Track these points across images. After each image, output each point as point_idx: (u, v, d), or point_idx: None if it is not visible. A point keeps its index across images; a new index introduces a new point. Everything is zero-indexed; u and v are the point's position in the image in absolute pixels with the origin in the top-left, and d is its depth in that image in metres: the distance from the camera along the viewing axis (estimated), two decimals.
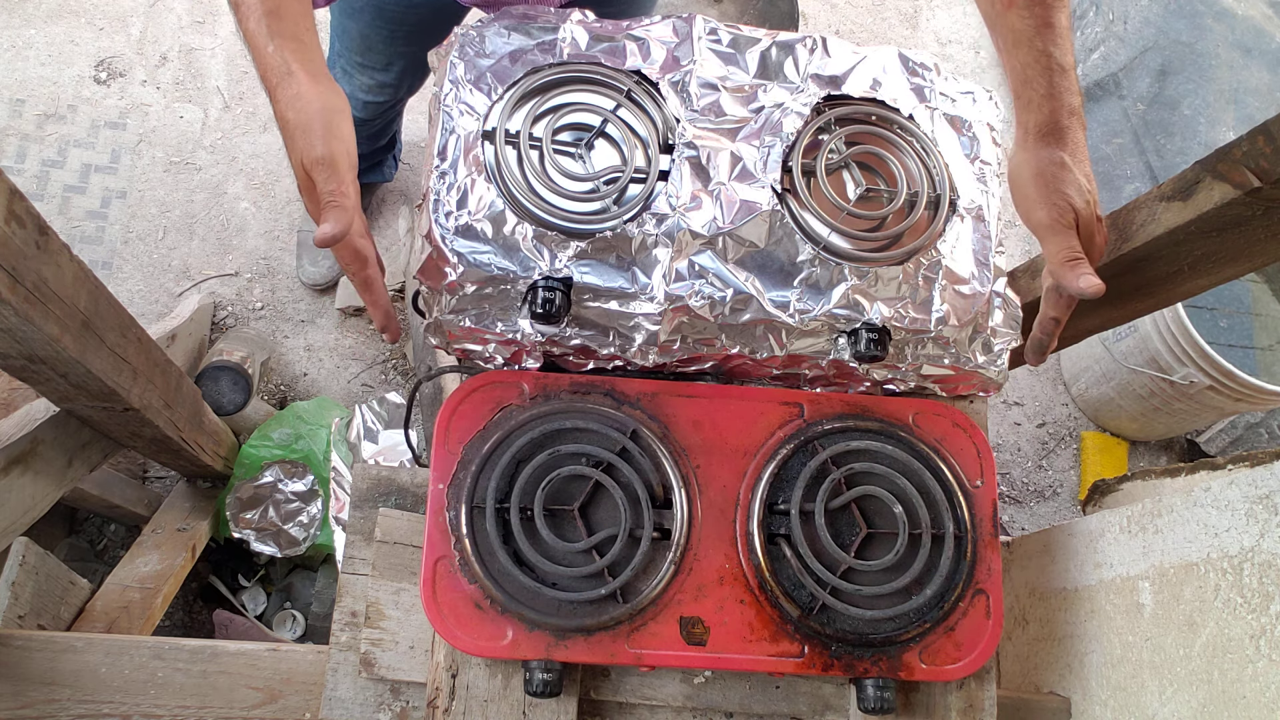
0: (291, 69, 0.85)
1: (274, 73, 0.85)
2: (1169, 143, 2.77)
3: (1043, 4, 0.86)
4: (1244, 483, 1.00)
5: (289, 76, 0.84)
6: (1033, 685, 1.32)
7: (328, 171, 0.83)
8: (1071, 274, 0.85)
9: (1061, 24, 0.87)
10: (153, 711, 1.23)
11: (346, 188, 0.84)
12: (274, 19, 0.85)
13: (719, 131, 1.02)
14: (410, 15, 1.50)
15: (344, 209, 0.83)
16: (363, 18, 1.56)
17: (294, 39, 0.86)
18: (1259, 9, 3.01)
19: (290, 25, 0.86)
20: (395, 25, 1.54)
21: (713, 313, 0.98)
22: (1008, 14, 0.88)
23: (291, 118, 0.84)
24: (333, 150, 0.84)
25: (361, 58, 1.68)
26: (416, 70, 1.74)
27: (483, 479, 0.97)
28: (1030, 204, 0.89)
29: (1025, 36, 0.87)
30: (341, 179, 0.84)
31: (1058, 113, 0.86)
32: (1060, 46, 0.86)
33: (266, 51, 0.85)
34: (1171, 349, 2.18)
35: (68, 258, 1.10)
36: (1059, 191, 0.86)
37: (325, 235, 0.81)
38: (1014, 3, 0.87)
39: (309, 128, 0.83)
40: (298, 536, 2.00)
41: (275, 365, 2.35)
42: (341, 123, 0.86)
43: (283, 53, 0.85)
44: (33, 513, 1.40)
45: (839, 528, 1.00)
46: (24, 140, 2.44)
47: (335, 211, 0.82)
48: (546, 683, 0.92)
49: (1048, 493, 2.51)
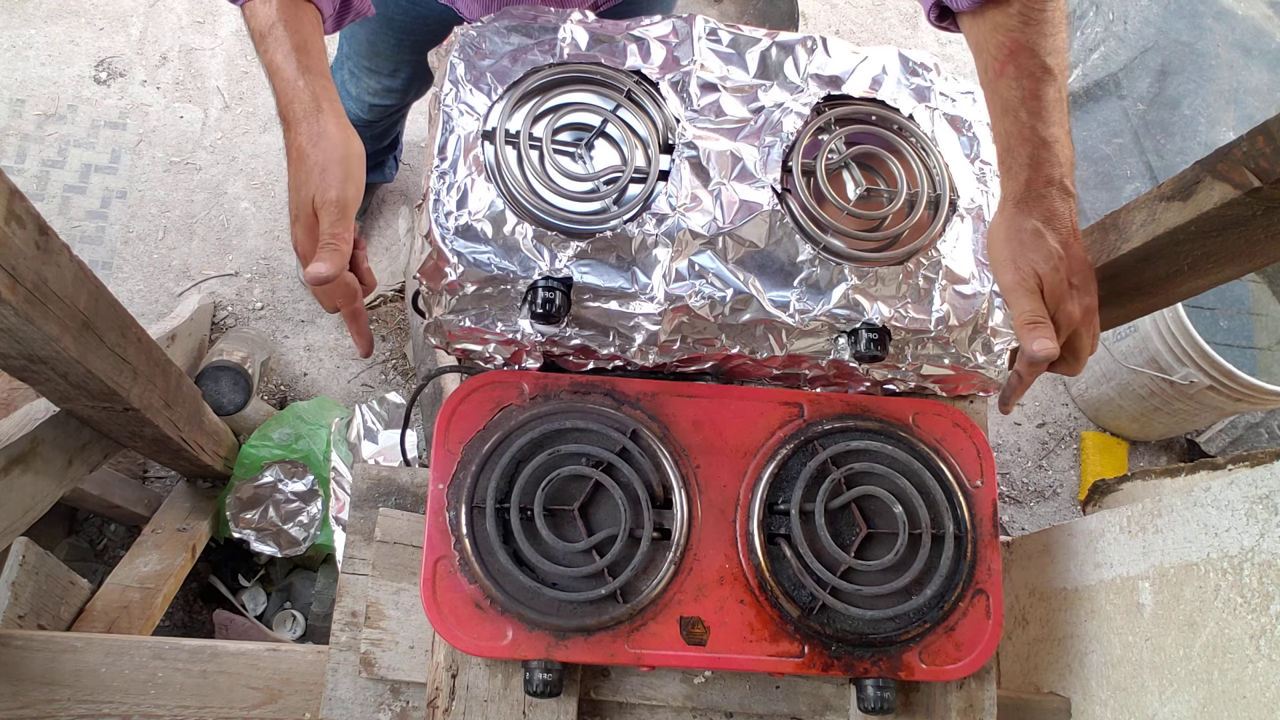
0: (321, 107, 0.87)
1: (301, 105, 0.87)
2: (1169, 143, 2.77)
3: (1031, 76, 0.87)
4: (1244, 483, 1.00)
5: (318, 113, 0.87)
6: (1033, 685, 1.32)
7: (336, 214, 0.86)
8: (1028, 336, 0.85)
9: (1049, 97, 0.87)
10: (153, 711, 1.23)
11: (348, 234, 0.87)
12: (303, 55, 0.88)
13: (719, 131, 1.02)
14: (418, 25, 1.50)
15: (341, 253, 0.85)
16: (370, 24, 1.56)
17: (322, 75, 0.89)
18: (1259, 9, 3.01)
19: (317, 62, 0.89)
20: (403, 34, 1.55)
21: (713, 313, 0.98)
22: (998, 82, 0.89)
23: (312, 154, 0.86)
24: (347, 196, 0.86)
25: (369, 62, 1.68)
26: (424, 76, 1.73)
27: (483, 479, 0.97)
28: (999, 266, 0.90)
29: (1012, 107, 0.88)
30: (347, 223, 0.86)
31: (1035, 182, 0.87)
32: (1044, 120, 0.87)
33: (297, 86, 0.87)
34: (1171, 349, 2.18)
35: (68, 258, 1.10)
36: (1025, 257, 0.87)
37: (319, 275, 0.84)
38: (1004, 72, 0.88)
39: (329, 169, 0.86)
40: (298, 536, 2.00)
41: (275, 365, 2.35)
42: (358, 169, 0.88)
43: (313, 88, 0.87)
44: (33, 513, 1.40)
45: (839, 528, 1.00)
46: (24, 140, 2.44)
47: (333, 254, 0.85)
48: (546, 683, 0.92)
49: (1048, 493, 2.51)
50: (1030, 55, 0.87)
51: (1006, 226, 0.89)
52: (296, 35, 0.88)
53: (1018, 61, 0.88)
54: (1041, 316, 0.86)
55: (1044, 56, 0.87)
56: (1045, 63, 0.87)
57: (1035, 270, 0.87)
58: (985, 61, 0.91)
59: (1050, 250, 0.86)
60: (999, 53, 0.88)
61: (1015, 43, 0.87)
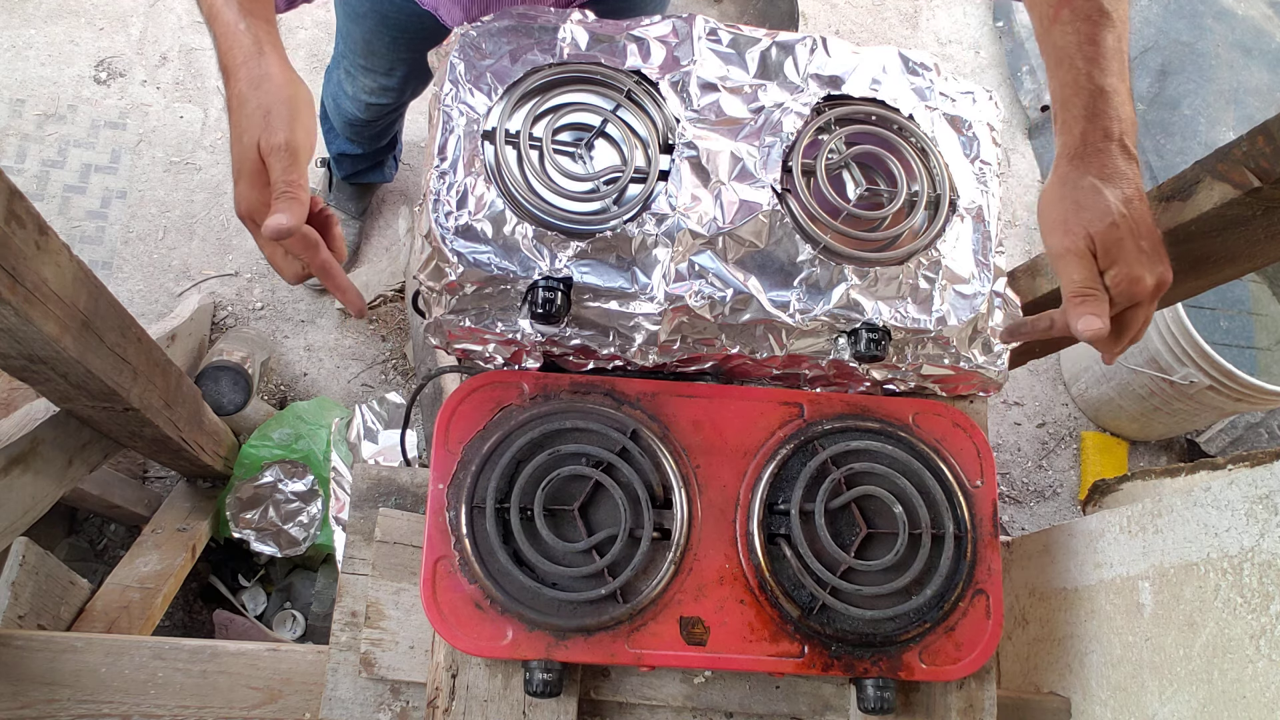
0: (264, 49, 0.81)
1: (241, 50, 0.81)
2: (1169, 143, 2.77)
3: (1088, 19, 0.80)
4: (1244, 483, 1.00)
5: (260, 56, 0.81)
6: (1033, 685, 1.32)
7: (288, 160, 0.79)
8: (1074, 311, 0.77)
9: (1108, 43, 0.80)
10: (153, 711, 1.23)
11: (304, 179, 0.80)
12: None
13: (719, 131, 1.02)
14: (413, 23, 1.49)
15: (299, 200, 0.78)
16: (366, 23, 1.56)
17: (266, 20, 0.83)
18: (1259, 9, 3.01)
19: (262, 7, 0.83)
20: (398, 32, 1.54)
21: (713, 313, 0.98)
22: (1052, 30, 0.82)
23: (253, 98, 0.79)
24: (296, 139, 0.79)
25: (365, 61, 1.68)
26: (420, 74, 1.73)
27: (483, 479, 0.97)
28: (1048, 231, 0.81)
29: (1067, 54, 0.81)
30: (300, 170, 0.79)
31: (1091, 135, 0.79)
32: (1102, 67, 0.79)
33: (237, 29, 0.81)
34: (1171, 349, 2.18)
35: (68, 258, 1.10)
36: (1078, 217, 0.78)
37: (280, 227, 0.76)
38: (1059, 17, 0.82)
39: (273, 111, 0.79)
40: (298, 536, 2.00)
41: (275, 365, 2.35)
42: (306, 113, 0.82)
43: (255, 31, 0.81)
44: (33, 513, 1.40)
45: (839, 528, 1.00)
46: (24, 140, 2.44)
47: (291, 203, 0.78)
48: (546, 683, 0.92)
49: (1048, 493, 2.51)
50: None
51: (1060, 186, 0.80)
52: None
53: (1073, 4, 0.81)
54: (1093, 288, 0.77)
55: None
56: (1103, 5, 0.80)
57: (1088, 231, 0.77)
58: (1040, 10, 0.84)
59: (1108, 206, 0.76)
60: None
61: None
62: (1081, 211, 0.78)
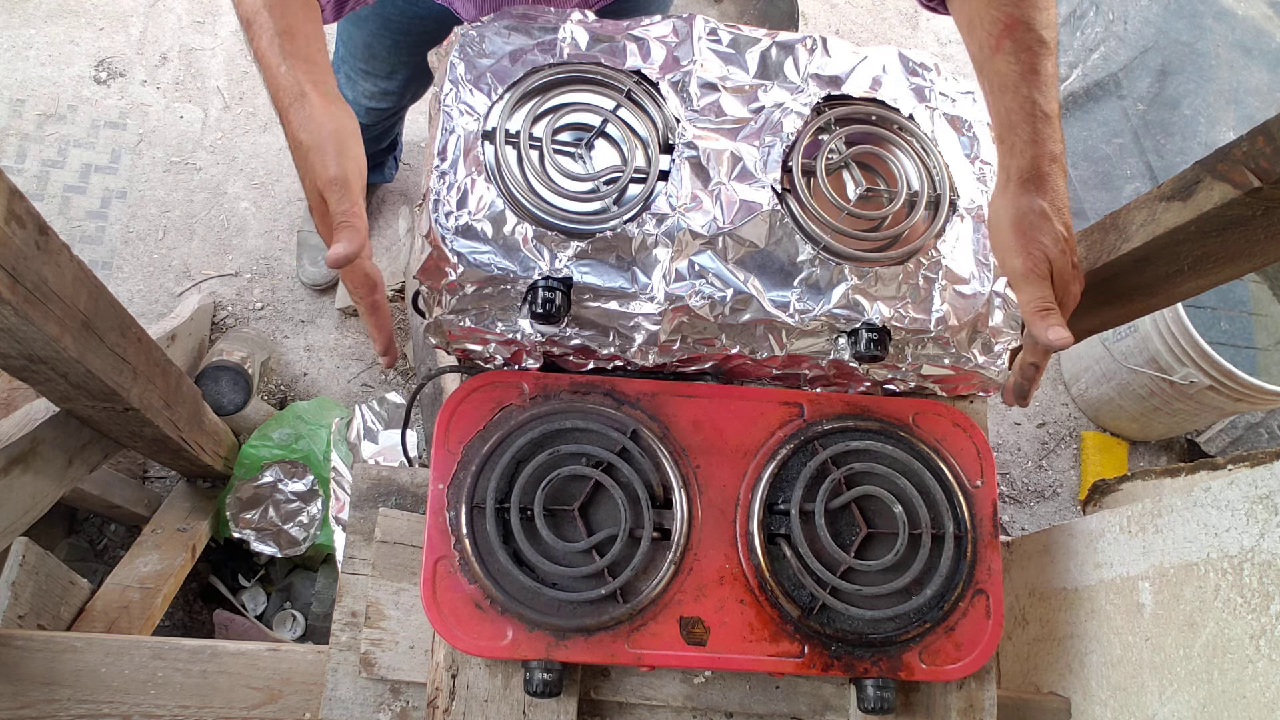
0: (305, 91, 0.84)
1: (287, 94, 0.84)
2: (1169, 143, 2.77)
3: (1029, 50, 0.86)
4: (1244, 483, 1.00)
5: (302, 99, 0.84)
6: (1033, 685, 1.32)
7: (341, 192, 0.83)
8: (1041, 324, 0.84)
9: (1047, 70, 0.86)
10: (153, 711, 1.23)
11: (359, 208, 0.84)
12: (287, 39, 0.85)
13: (719, 131, 1.02)
14: (415, 26, 1.49)
15: (357, 230, 0.82)
16: (368, 26, 1.56)
17: (306, 60, 0.86)
18: (1259, 9, 3.01)
19: (303, 46, 0.86)
20: (400, 35, 1.54)
21: (713, 313, 0.98)
22: (995, 58, 0.87)
23: (305, 139, 0.83)
24: (346, 171, 0.83)
25: (365, 65, 1.68)
26: (420, 78, 1.73)
27: (483, 479, 0.97)
28: (1007, 251, 0.88)
29: (1011, 82, 0.87)
30: (354, 200, 0.83)
31: (1039, 159, 0.86)
32: (1044, 94, 0.86)
33: (279, 72, 0.85)
34: (1171, 349, 2.18)
35: (68, 258, 1.10)
36: (1036, 241, 0.85)
37: (339, 256, 0.81)
38: (1001, 47, 0.87)
39: (323, 149, 0.83)
40: (298, 536, 2.00)
41: (275, 365, 2.35)
42: (353, 143, 0.86)
43: (295, 74, 0.84)
44: (33, 513, 1.40)
45: (839, 528, 1.00)
46: (24, 140, 2.44)
47: (349, 232, 0.82)
48: (546, 683, 0.92)
49: (1048, 493, 2.51)
50: (1027, 29, 0.86)
51: (1013, 208, 0.87)
52: (282, 20, 0.85)
53: (1014, 36, 0.86)
54: (1053, 303, 0.85)
55: (1040, 30, 0.86)
56: (1041, 36, 0.86)
57: (1046, 255, 0.85)
58: (980, 38, 0.89)
59: (1058, 234, 0.85)
60: (994, 28, 0.87)
61: (1010, 17, 0.86)
62: (1039, 235, 0.86)
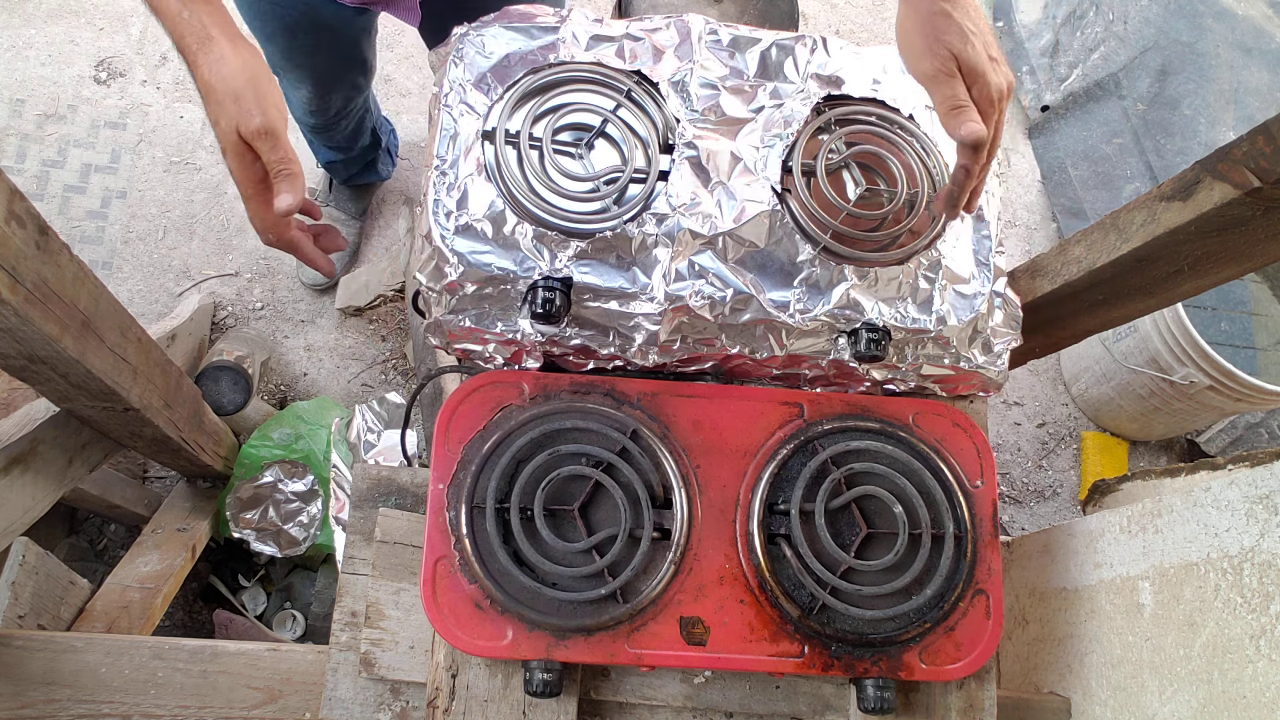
0: (210, 34, 0.82)
1: (192, 38, 0.82)
2: (1169, 143, 2.77)
3: None
4: (1244, 483, 1.00)
5: (209, 41, 0.82)
6: (1033, 685, 1.32)
7: (271, 140, 0.82)
8: (954, 121, 0.83)
9: None
10: (153, 711, 1.23)
11: (292, 152, 0.83)
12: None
13: (719, 131, 1.02)
14: (290, 29, 1.47)
15: (296, 175, 0.82)
16: (278, 41, 1.55)
17: (206, 1, 0.84)
18: (1259, 9, 3.01)
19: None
20: (287, 42, 1.52)
21: (713, 313, 0.98)
22: None
23: (218, 84, 0.82)
24: (270, 117, 0.82)
25: (282, 79, 1.66)
26: (331, 83, 1.69)
27: (483, 479, 0.97)
28: (914, 55, 0.87)
29: None
30: (284, 144, 0.82)
31: None
32: None
33: (180, 17, 0.83)
34: (1171, 349, 2.18)
35: (68, 258, 1.10)
36: (940, 40, 0.84)
37: (288, 205, 0.81)
38: None
39: (240, 94, 0.81)
40: (298, 536, 2.00)
41: (275, 365, 2.35)
42: (269, 87, 0.84)
43: (198, 16, 0.83)
44: (33, 513, 1.40)
45: (839, 528, 1.00)
46: (24, 140, 2.44)
47: (289, 180, 0.81)
48: (546, 683, 0.92)
49: (1048, 493, 2.51)
50: None
51: (915, 14, 0.86)
52: None
53: None
54: (965, 100, 0.84)
55: None
56: None
57: (951, 52, 0.84)
58: None
59: (963, 29, 0.84)
60: None
61: None
62: (943, 34, 0.84)
